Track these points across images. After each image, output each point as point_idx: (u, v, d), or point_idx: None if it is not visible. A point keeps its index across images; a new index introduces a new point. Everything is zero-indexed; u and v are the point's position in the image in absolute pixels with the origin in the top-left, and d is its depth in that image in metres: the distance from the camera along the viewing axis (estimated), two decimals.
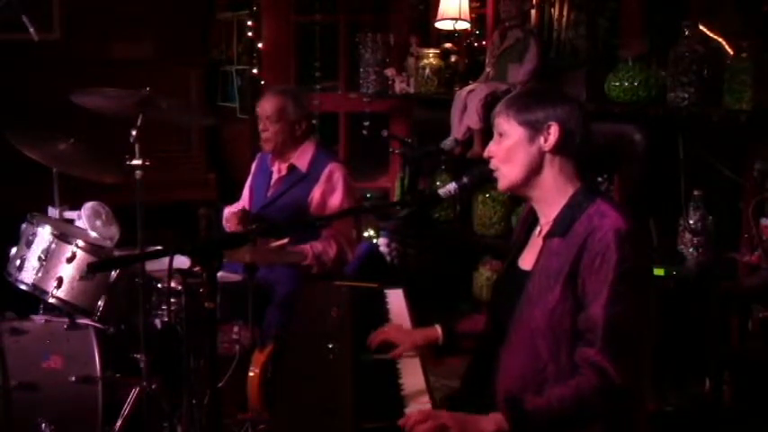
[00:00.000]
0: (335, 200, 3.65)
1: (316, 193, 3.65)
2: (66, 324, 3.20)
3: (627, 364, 1.94)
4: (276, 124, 3.64)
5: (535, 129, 2.07)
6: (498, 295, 2.33)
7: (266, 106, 3.67)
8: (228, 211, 3.86)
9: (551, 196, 2.11)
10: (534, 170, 2.10)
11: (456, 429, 1.92)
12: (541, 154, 2.09)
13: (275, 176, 3.77)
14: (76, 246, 3.21)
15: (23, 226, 3.35)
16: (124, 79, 3.86)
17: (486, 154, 2.17)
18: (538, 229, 2.17)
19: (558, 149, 2.08)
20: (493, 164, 2.15)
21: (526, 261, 2.18)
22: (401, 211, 4.53)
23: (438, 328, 2.41)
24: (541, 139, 2.07)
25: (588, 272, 1.98)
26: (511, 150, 2.10)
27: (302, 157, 3.71)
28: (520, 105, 2.10)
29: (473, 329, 2.39)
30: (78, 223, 3.51)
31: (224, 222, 3.77)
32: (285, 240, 3.30)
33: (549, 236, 2.09)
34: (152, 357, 3.16)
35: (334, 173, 3.67)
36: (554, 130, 2.06)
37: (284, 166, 3.74)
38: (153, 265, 3.10)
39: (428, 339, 2.40)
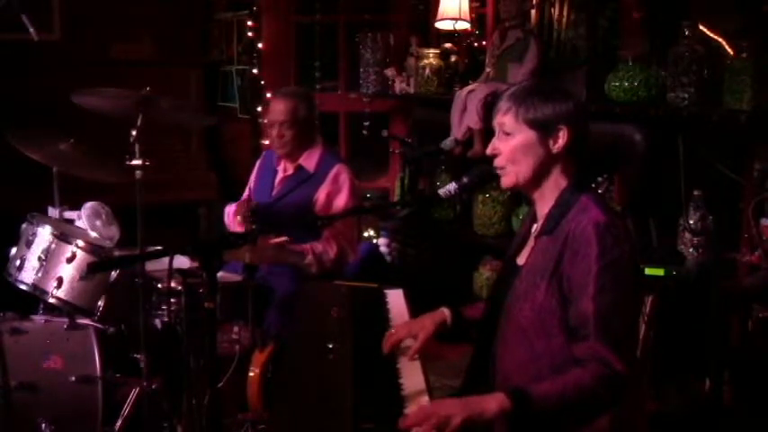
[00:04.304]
0: (341, 201, 3.66)
1: (321, 194, 3.65)
2: (66, 324, 3.20)
3: (624, 351, 1.96)
4: (291, 128, 3.64)
5: (545, 130, 2.08)
6: (495, 290, 2.34)
7: (280, 111, 3.65)
8: (230, 208, 3.85)
9: (547, 195, 2.13)
10: (541, 171, 2.12)
11: (460, 415, 1.90)
12: (549, 156, 2.10)
13: (280, 175, 3.78)
14: (76, 246, 3.21)
15: (23, 226, 3.36)
16: (124, 79, 3.86)
17: (489, 151, 2.16)
18: (535, 226, 2.19)
19: (566, 151, 2.08)
20: (498, 161, 2.15)
21: (522, 258, 2.21)
22: (401, 211, 4.53)
23: (445, 311, 2.38)
24: (551, 141, 2.08)
25: (571, 267, 2.00)
26: (518, 151, 2.10)
27: (310, 158, 3.71)
28: (528, 105, 2.08)
29: (477, 317, 2.38)
30: (78, 223, 3.51)
31: (226, 219, 3.77)
32: (284, 238, 3.30)
33: (539, 234, 2.13)
34: (152, 357, 3.17)
35: (341, 174, 3.68)
36: (564, 133, 2.07)
37: (291, 166, 3.74)
38: (153, 265, 3.10)
39: (437, 323, 2.36)
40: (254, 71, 5.66)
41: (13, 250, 3.36)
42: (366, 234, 5.12)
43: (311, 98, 3.82)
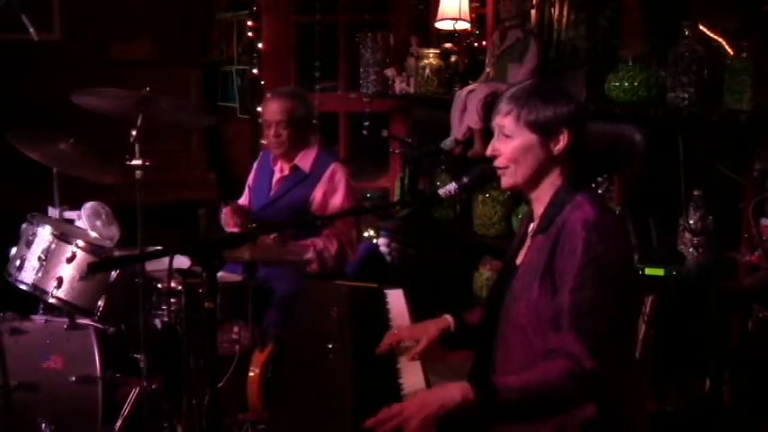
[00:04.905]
0: (337, 200, 3.66)
1: (317, 194, 3.65)
2: (66, 324, 3.20)
3: (598, 348, 1.91)
4: (287, 128, 3.64)
5: (546, 133, 2.07)
6: (494, 290, 2.35)
7: (275, 111, 3.65)
8: (227, 208, 3.85)
9: (543, 194, 2.14)
10: (540, 172, 2.12)
11: (418, 416, 1.87)
12: (550, 158, 2.10)
13: (277, 176, 3.78)
14: (76, 246, 3.21)
15: (23, 226, 3.36)
16: (124, 79, 3.86)
17: (489, 152, 2.16)
18: (531, 225, 2.20)
19: (566, 154, 2.08)
20: (498, 162, 2.15)
21: (520, 258, 2.22)
22: (401, 211, 4.53)
23: (448, 317, 2.39)
24: (551, 144, 2.08)
25: (561, 263, 2.00)
26: (518, 153, 2.10)
27: (306, 158, 3.71)
28: (529, 107, 2.08)
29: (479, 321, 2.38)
30: (78, 223, 3.51)
31: (222, 222, 3.77)
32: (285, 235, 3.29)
33: (535, 233, 2.13)
34: (152, 357, 3.17)
35: (336, 173, 3.68)
36: (565, 136, 2.07)
37: (287, 166, 3.74)
38: (153, 265, 3.10)
39: (441, 330, 2.36)
40: (254, 71, 5.66)
41: (13, 250, 3.36)
42: (366, 234, 5.12)
43: (307, 98, 3.82)
